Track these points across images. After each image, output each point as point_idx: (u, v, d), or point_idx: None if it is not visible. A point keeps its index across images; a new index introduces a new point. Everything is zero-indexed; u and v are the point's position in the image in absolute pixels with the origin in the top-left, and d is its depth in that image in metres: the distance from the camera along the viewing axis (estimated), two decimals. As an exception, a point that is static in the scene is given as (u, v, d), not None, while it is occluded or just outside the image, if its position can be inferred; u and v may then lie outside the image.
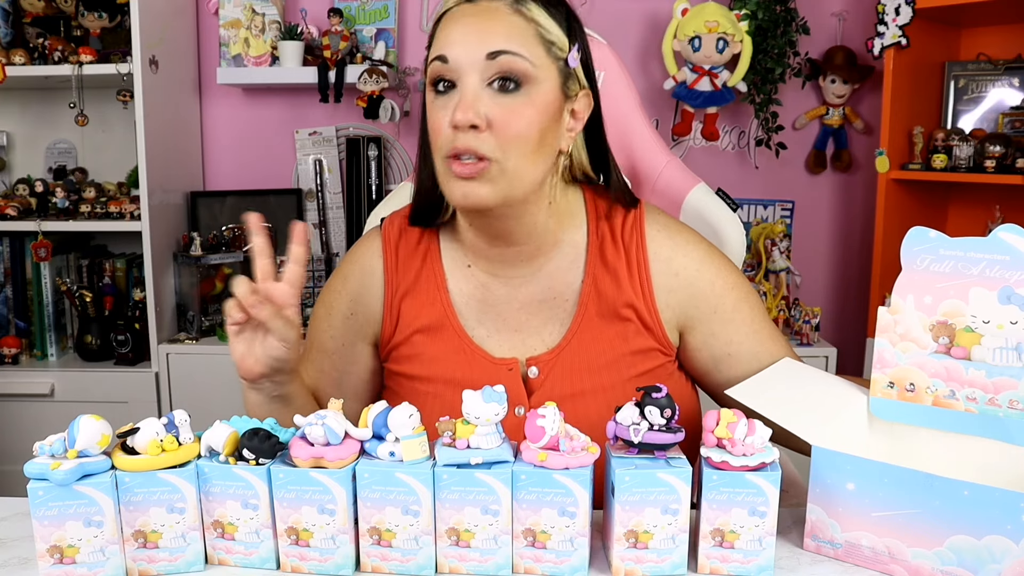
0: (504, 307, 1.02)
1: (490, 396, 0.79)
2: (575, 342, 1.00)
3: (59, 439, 0.80)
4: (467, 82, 0.89)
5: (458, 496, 0.80)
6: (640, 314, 1.00)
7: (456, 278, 1.03)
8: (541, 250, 1.01)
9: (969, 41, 2.36)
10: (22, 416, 2.31)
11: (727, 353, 1.03)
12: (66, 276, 2.43)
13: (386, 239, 1.07)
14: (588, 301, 1.00)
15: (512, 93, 0.89)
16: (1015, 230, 0.81)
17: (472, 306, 1.03)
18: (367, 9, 2.50)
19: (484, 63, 0.89)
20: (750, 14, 2.35)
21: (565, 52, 0.93)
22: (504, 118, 0.89)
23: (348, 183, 2.59)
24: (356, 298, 1.07)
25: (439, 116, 0.91)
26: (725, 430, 0.80)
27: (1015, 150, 2.08)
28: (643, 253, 1.01)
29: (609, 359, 1.00)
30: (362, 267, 1.07)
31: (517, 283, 1.02)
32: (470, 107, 0.87)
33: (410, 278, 1.04)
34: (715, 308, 1.02)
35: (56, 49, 2.27)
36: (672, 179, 1.34)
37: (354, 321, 1.07)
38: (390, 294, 1.04)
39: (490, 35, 0.89)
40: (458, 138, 0.88)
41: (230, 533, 0.82)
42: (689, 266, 1.01)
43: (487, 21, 0.90)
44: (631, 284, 1.00)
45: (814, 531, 0.87)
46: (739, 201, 2.46)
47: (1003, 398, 0.81)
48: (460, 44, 0.89)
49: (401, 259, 1.05)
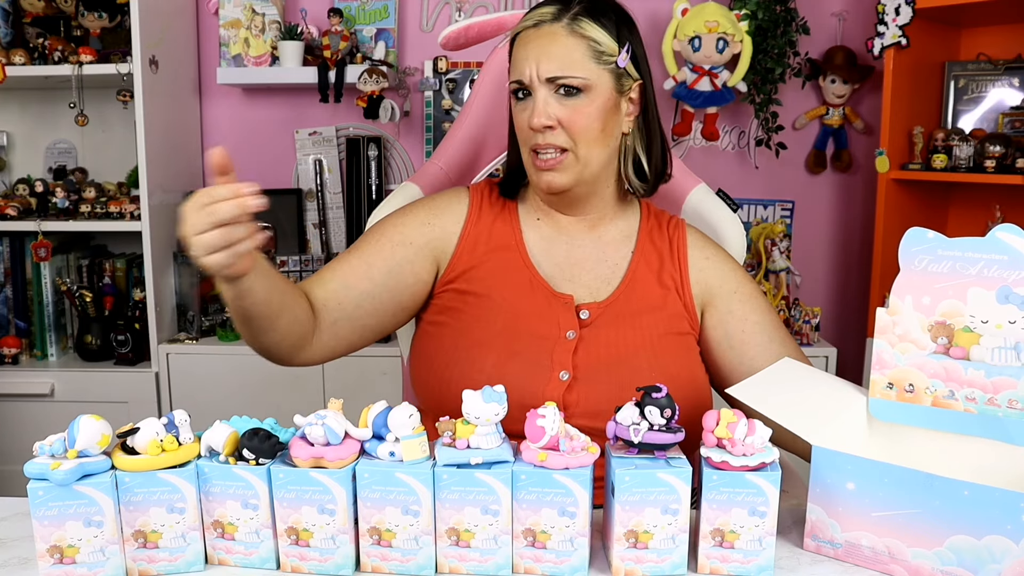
0: (564, 258, 1.17)
1: (490, 396, 0.79)
2: (622, 298, 1.14)
3: (59, 439, 0.80)
4: (538, 94, 1.08)
5: (458, 496, 0.80)
6: (676, 285, 1.16)
7: (528, 227, 1.19)
8: (602, 221, 1.19)
9: (969, 41, 2.36)
10: (22, 416, 2.31)
11: (741, 330, 1.14)
12: (66, 276, 2.43)
13: (474, 190, 1.22)
14: (637, 268, 1.17)
15: (575, 96, 1.08)
16: (1013, 230, 0.81)
17: (540, 249, 1.17)
18: (367, 9, 2.50)
19: (544, 82, 1.07)
20: (750, 14, 2.35)
21: (615, 57, 1.09)
22: (570, 117, 1.08)
23: (348, 183, 2.59)
24: (438, 214, 1.18)
25: (522, 117, 1.11)
26: (725, 430, 0.80)
27: (1015, 150, 2.08)
28: (683, 242, 1.19)
29: (650, 315, 1.13)
30: (450, 197, 1.21)
31: (577, 244, 1.18)
32: (542, 113, 1.07)
33: (490, 219, 1.19)
34: (735, 289, 1.17)
35: (56, 49, 2.27)
36: (672, 179, 1.34)
37: (429, 230, 1.16)
38: (470, 225, 1.17)
39: (550, 60, 1.07)
40: (537, 136, 1.09)
41: (230, 533, 0.82)
42: (718, 255, 1.21)
43: (548, 45, 1.08)
44: (671, 260, 1.18)
45: (814, 531, 0.87)
46: (739, 201, 2.46)
47: (1002, 398, 0.81)
48: (528, 68, 1.08)
49: (484, 206, 1.20)
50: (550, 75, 1.07)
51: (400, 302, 1.15)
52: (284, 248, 2.57)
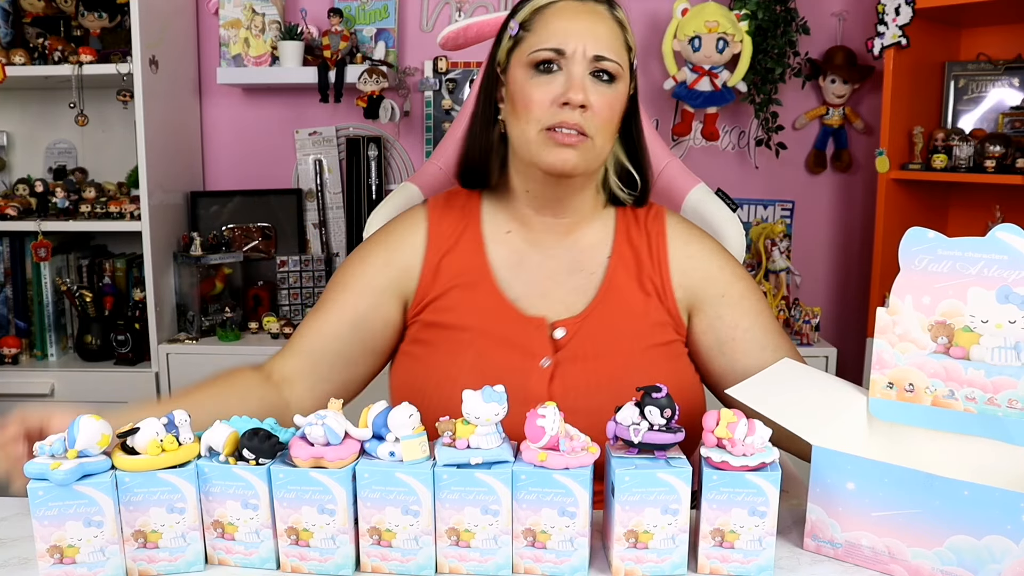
0: (536, 272, 1.12)
1: (490, 396, 0.79)
2: (600, 309, 1.09)
3: (59, 439, 0.80)
4: (575, 70, 1.02)
5: (458, 496, 0.80)
6: (658, 290, 1.10)
7: (495, 242, 1.13)
8: (579, 224, 1.13)
9: (969, 41, 2.36)
10: (22, 416, 2.31)
11: (732, 337, 1.09)
12: (66, 276, 2.43)
13: (432, 207, 1.17)
14: (614, 275, 1.11)
15: (608, 83, 1.04)
16: (1013, 230, 0.81)
17: (507, 268, 1.12)
18: (367, 9, 2.50)
19: (588, 59, 1.02)
20: (750, 14, 2.35)
21: (635, 52, 1.08)
22: (601, 103, 1.03)
23: (348, 183, 2.59)
24: (396, 251, 1.13)
25: (540, 92, 1.03)
26: (725, 430, 0.80)
27: (1015, 150, 2.08)
28: (662, 238, 1.13)
29: (630, 327, 1.08)
30: (406, 226, 1.15)
31: (551, 253, 1.12)
32: (581, 90, 1.01)
33: (452, 240, 1.13)
34: (723, 292, 1.10)
35: (56, 49, 2.27)
36: (672, 179, 1.34)
37: (390, 271, 1.13)
38: (431, 253, 1.12)
39: (598, 39, 1.03)
40: (564, 113, 1.01)
41: (230, 533, 0.82)
42: (703, 251, 1.13)
43: (595, 24, 1.04)
44: (651, 262, 1.11)
45: (814, 531, 0.87)
46: (739, 201, 2.46)
47: (1002, 397, 0.81)
48: (574, 40, 1.02)
49: (444, 224, 1.14)
50: (599, 53, 1.02)
51: (374, 349, 1.13)
52: (284, 248, 2.57)
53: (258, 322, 2.45)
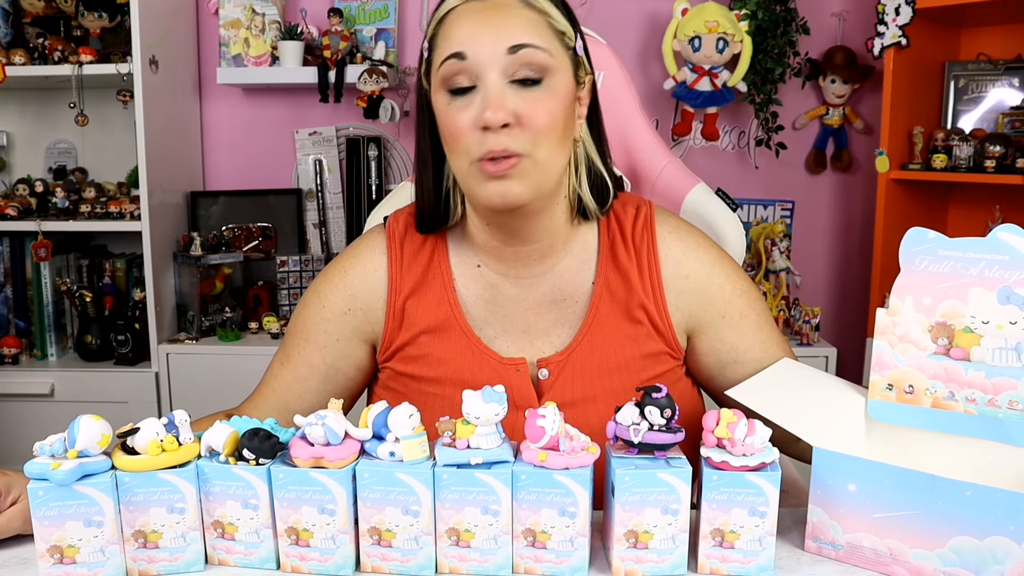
0: (513, 308, 1.01)
1: (490, 396, 0.79)
2: (585, 344, 0.99)
3: (59, 439, 0.80)
4: (490, 80, 0.88)
5: (458, 496, 0.80)
6: (651, 316, 1.00)
7: (464, 277, 1.02)
8: (554, 248, 1.00)
9: (969, 41, 2.36)
10: (22, 416, 2.31)
11: (733, 359, 1.03)
12: (66, 276, 2.43)
13: (391, 237, 1.05)
14: (599, 303, 1.00)
15: (534, 87, 0.89)
16: (1014, 230, 0.81)
17: (480, 306, 1.02)
18: (367, 9, 2.50)
19: (505, 58, 0.88)
20: (750, 14, 2.35)
21: (573, 41, 0.93)
22: (531, 112, 0.88)
23: (348, 183, 2.59)
24: (356, 295, 1.04)
25: (460, 118, 0.89)
26: (725, 430, 0.80)
27: (1015, 150, 2.08)
28: (654, 255, 1.01)
29: (620, 362, 0.99)
30: (364, 264, 1.04)
31: (527, 283, 1.01)
32: (500, 106, 0.86)
33: (415, 278, 1.02)
34: (723, 313, 1.02)
35: (56, 49, 2.27)
36: (672, 179, 1.34)
37: (351, 317, 1.04)
38: (393, 295, 1.02)
39: (507, 30, 0.88)
40: (489, 139, 0.87)
41: (230, 533, 0.82)
42: (700, 269, 1.02)
43: (502, 16, 0.89)
44: (642, 286, 1.00)
45: (815, 532, 0.87)
46: (739, 201, 2.46)
47: (1003, 399, 0.81)
48: (478, 40, 0.88)
49: (406, 259, 1.03)
50: (513, 43, 0.87)
51: (348, 387, 1.07)
52: (284, 248, 2.57)
53: (258, 322, 2.45)
